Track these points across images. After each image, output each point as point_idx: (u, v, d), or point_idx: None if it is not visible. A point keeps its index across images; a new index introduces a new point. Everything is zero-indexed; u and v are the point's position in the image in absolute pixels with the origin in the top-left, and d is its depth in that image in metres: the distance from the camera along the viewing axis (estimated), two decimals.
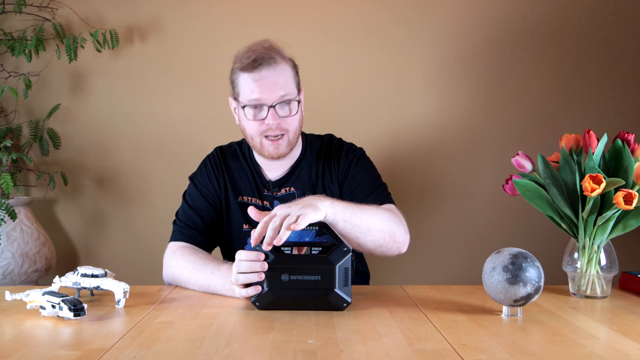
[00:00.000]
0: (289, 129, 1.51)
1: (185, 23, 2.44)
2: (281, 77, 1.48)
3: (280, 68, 1.49)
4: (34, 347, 0.98)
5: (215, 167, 1.64)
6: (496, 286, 1.15)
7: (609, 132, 1.42)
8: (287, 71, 1.51)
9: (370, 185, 1.55)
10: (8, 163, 2.27)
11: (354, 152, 1.62)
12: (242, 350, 0.96)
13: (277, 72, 1.48)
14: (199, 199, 1.60)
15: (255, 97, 1.47)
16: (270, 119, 1.48)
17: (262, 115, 1.49)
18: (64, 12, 2.40)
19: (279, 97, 1.47)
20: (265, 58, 1.47)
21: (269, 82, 1.47)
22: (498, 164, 2.44)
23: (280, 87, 1.47)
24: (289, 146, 1.53)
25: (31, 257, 2.27)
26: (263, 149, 1.53)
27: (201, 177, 1.64)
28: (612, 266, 1.38)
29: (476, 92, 2.47)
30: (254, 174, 1.61)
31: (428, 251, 2.48)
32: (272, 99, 1.47)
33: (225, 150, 1.68)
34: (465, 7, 2.45)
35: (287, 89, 1.49)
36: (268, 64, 1.47)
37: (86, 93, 2.45)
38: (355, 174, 1.58)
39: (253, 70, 1.47)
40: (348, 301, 1.21)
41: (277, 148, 1.51)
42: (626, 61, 2.48)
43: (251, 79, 1.48)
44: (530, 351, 0.98)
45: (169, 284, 1.48)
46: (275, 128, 1.49)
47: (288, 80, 1.50)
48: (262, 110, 1.49)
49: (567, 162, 1.38)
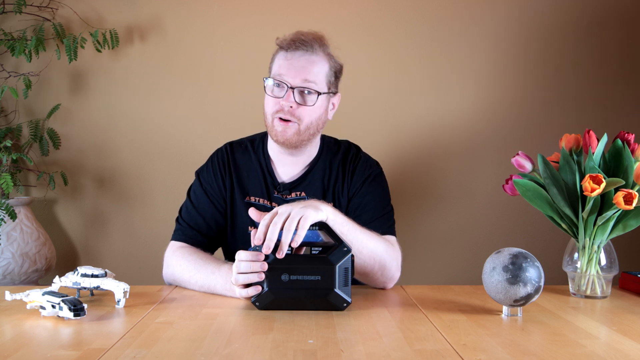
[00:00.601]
0: (302, 118, 1.48)
1: (185, 23, 2.44)
2: (312, 65, 1.47)
3: (316, 57, 1.48)
4: (34, 347, 0.98)
5: (222, 165, 1.60)
6: (496, 286, 1.15)
7: (609, 132, 1.42)
8: (321, 64, 1.49)
9: (378, 210, 1.52)
10: (8, 163, 2.27)
11: (371, 170, 1.58)
12: (242, 350, 0.96)
13: (310, 59, 1.47)
14: (203, 199, 1.58)
15: (280, 73, 1.47)
16: (285, 99, 1.46)
17: (279, 94, 1.48)
18: (64, 12, 2.40)
19: (301, 81, 1.46)
20: (305, 43, 1.47)
21: (297, 64, 1.46)
22: (498, 164, 2.44)
23: (306, 73, 1.46)
24: (297, 135, 1.49)
25: (31, 257, 2.27)
26: (273, 129, 1.50)
27: (207, 175, 1.61)
28: (612, 266, 1.38)
29: (476, 92, 2.47)
30: (265, 173, 1.58)
31: (428, 251, 2.48)
32: (294, 81, 1.46)
33: (235, 147, 1.64)
34: (464, 8, 2.45)
35: (314, 78, 1.47)
36: (305, 49, 1.47)
37: (86, 93, 2.45)
38: (366, 194, 1.54)
39: (289, 49, 1.47)
40: (348, 301, 1.21)
41: (285, 131, 1.48)
42: (626, 61, 2.48)
43: (284, 57, 1.48)
44: (530, 351, 0.98)
45: (169, 284, 1.48)
46: (287, 111, 1.47)
47: (319, 71, 1.48)
48: (282, 89, 1.47)
49: (567, 162, 1.38)
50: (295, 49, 1.47)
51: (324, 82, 1.49)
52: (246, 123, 2.44)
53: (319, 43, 1.49)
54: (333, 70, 1.52)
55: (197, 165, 2.46)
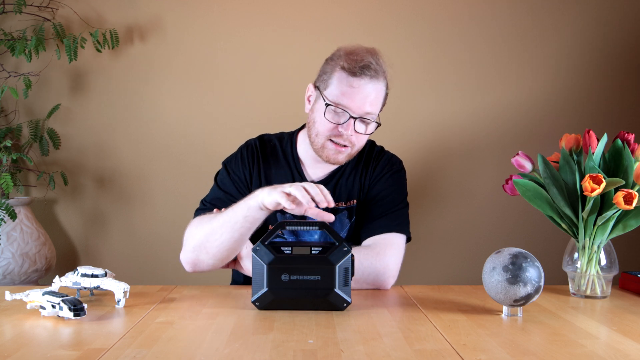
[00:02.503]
0: (356, 144, 1.48)
1: (185, 23, 2.44)
2: (374, 94, 1.44)
3: (379, 86, 1.45)
4: (34, 347, 0.98)
5: (251, 159, 1.57)
6: (496, 286, 1.15)
7: (609, 132, 1.42)
8: (382, 91, 1.46)
9: (389, 206, 1.51)
10: (8, 163, 2.27)
11: (391, 166, 1.58)
12: (242, 350, 0.96)
13: (375, 88, 1.44)
14: (230, 186, 1.54)
15: (344, 103, 1.42)
16: (346, 128, 1.43)
17: (340, 121, 1.44)
18: (64, 12, 2.40)
19: (365, 113, 1.43)
20: (372, 69, 1.42)
21: (363, 94, 1.42)
22: (498, 164, 2.44)
23: (370, 104, 1.43)
24: (348, 158, 1.50)
25: (31, 257, 2.27)
26: (323, 150, 1.48)
27: (235, 166, 1.57)
28: (612, 266, 1.38)
29: (476, 92, 2.47)
30: (294, 172, 1.56)
31: (428, 251, 2.48)
32: (358, 112, 1.43)
33: (266, 144, 1.60)
34: (465, 8, 2.45)
35: (375, 108, 1.45)
36: (371, 76, 1.42)
37: (86, 93, 2.45)
38: (381, 190, 1.54)
39: (355, 75, 1.42)
40: (348, 301, 1.21)
41: (338, 155, 1.47)
42: (626, 61, 2.48)
43: (348, 83, 1.42)
44: (530, 351, 0.97)
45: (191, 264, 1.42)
46: (345, 139, 1.45)
47: (379, 100, 1.46)
48: (343, 116, 1.44)
49: (567, 162, 1.38)
50: (362, 76, 1.42)
51: (380, 107, 1.49)
52: (246, 123, 2.44)
53: (381, 67, 1.45)
54: (385, 91, 1.49)
55: (197, 165, 2.47)
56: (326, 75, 1.47)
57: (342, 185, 1.55)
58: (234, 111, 2.46)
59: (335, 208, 1.54)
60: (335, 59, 1.47)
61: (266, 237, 1.23)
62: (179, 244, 1.47)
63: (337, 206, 1.54)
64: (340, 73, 1.44)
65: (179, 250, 1.47)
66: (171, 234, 2.45)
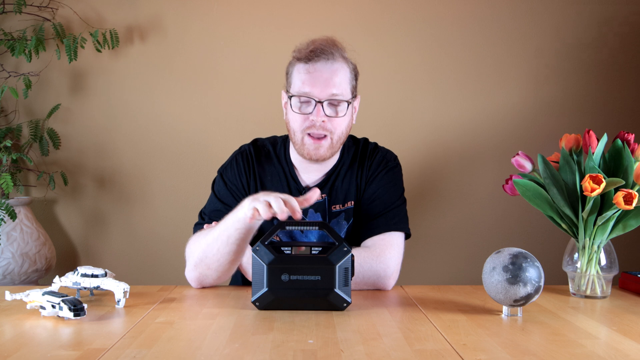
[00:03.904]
0: (333, 130, 1.44)
1: (185, 23, 2.44)
2: (336, 74, 1.42)
3: (337, 66, 1.43)
4: (34, 347, 0.98)
5: (246, 166, 1.55)
6: (496, 286, 1.15)
7: (609, 132, 1.42)
8: (344, 70, 1.44)
9: (386, 205, 1.50)
10: (8, 163, 2.27)
11: (386, 163, 1.56)
12: (242, 350, 0.96)
13: (333, 68, 1.42)
14: (228, 196, 1.53)
15: (306, 90, 1.41)
16: (315, 114, 1.42)
17: (308, 110, 1.43)
18: (64, 12, 2.40)
19: (329, 95, 1.41)
20: (325, 52, 1.41)
21: (322, 77, 1.41)
22: (498, 164, 2.44)
23: (332, 85, 1.41)
24: (331, 149, 1.46)
25: (31, 257, 2.27)
26: (304, 148, 1.46)
27: (231, 174, 1.55)
28: (612, 266, 1.38)
29: (476, 93, 2.47)
30: (288, 178, 1.54)
31: (428, 251, 2.48)
32: (322, 95, 1.41)
33: (260, 149, 1.59)
34: (465, 8, 2.45)
35: (340, 88, 1.42)
36: (326, 58, 1.41)
37: (86, 93, 2.45)
38: (377, 188, 1.52)
39: (309, 61, 1.42)
40: (348, 301, 1.21)
41: (318, 149, 1.45)
42: (626, 61, 2.48)
43: (305, 70, 1.42)
44: (530, 351, 0.98)
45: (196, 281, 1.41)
46: (319, 126, 1.43)
47: (343, 80, 1.43)
48: (309, 104, 1.43)
49: (567, 162, 1.38)
50: (315, 60, 1.41)
51: (349, 88, 1.46)
52: (247, 123, 2.45)
53: (335, 48, 1.44)
54: (353, 73, 1.48)
55: (197, 165, 2.47)
56: (288, 75, 1.49)
57: (337, 187, 1.53)
58: (233, 111, 2.46)
59: (332, 211, 1.53)
60: (292, 56, 1.48)
61: (266, 237, 1.23)
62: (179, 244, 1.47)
63: (333, 209, 1.53)
64: (297, 65, 1.45)
65: (179, 250, 1.47)
66: (171, 234, 2.45)
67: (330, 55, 1.42)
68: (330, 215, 1.52)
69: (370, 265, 1.39)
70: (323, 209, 1.52)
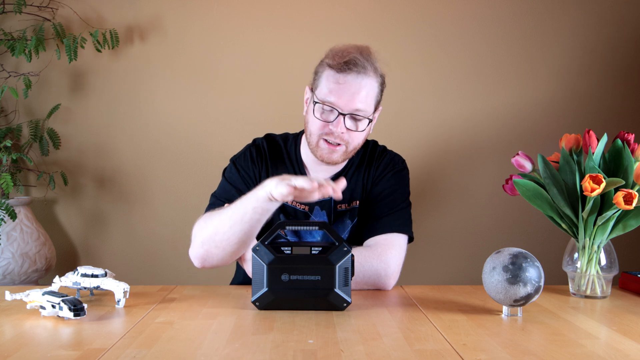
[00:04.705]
0: (350, 142, 1.46)
1: (186, 23, 2.44)
2: (363, 90, 1.42)
3: (367, 81, 1.43)
4: (34, 347, 0.98)
5: (259, 158, 1.56)
6: (496, 286, 1.15)
7: (609, 132, 1.42)
8: (372, 86, 1.44)
9: (391, 206, 1.51)
10: (8, 163, 2.27)
11: (394, 165, 1.57)
12: (242, 350, 0.96)
13: (362, 83, 1.42)
14: (239, 181, 1.54)
15: (331, 100, 1.41)
16: (336, 125, 1.42)
17: (329, 118, 1.43)
18: (64, 12, 2.40)
19: (353, 109, 1.42)
20: (358, 65, 1.41)
21: (350, 91, 1.41)
22: (498, 164, 2.44)
23: (358, 100, 1.41)
24: (344, 156, 1.49)
25: (31, 257, 2.27)
26: (317, 150, 1.47)
27: (244, 163, 1.56)
28: (612, 266, 1.38)
29: (476, 93, 2.47)
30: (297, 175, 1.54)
31: (428, 251, 2.48)
32: (347, 108, 1.41)
33: (272, 144, 1.60)
34: (465, 8, 2.45)
35: (364, 104, 1.43)
36: (357, 71, 1.41)
37: (86, 93, 2.45)
38: (383, 189, 1.53)
39: (340, 71, 1.41)
40: (348, 301, 1.21)
41: (332, 154, 1.47)
42: (626, 62, 2.48)
43: (334, 80, 1.42)
44: (530, 351, 0.98)
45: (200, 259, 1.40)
46: (337, 136, 1.44)
47: (369, 95, 1.44)
48: (332, 113, 1.43)
49: (567, 162, 1.38)
50: (347, 72, 1.41)
51: (373, 104, 1.46)
52: (246, 123, 2.45)
53: (370, 62, 1.44)
54: (380, 87, 1.48)
55: (197, 165, 2.47)
56: (317, 75, 1.48)
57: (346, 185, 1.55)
58: (233, 111, 2.46)
59: (338, 210, 1.54)
60: (324, 59, 1.47)
61: (266, 237, 1.23)
62: (179, 244, 1.47)
63: (339, 208, 1.54)
64: (327, 71, 1.44)
65: (179, 250, 1.47)
66: (171, 234, 2.45)
67: (362, 69, 1.42)
68: (336, 214, 1.53)
69: (371, 265, 1.39)
70: (329, 207, 1.53)
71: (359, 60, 1.41)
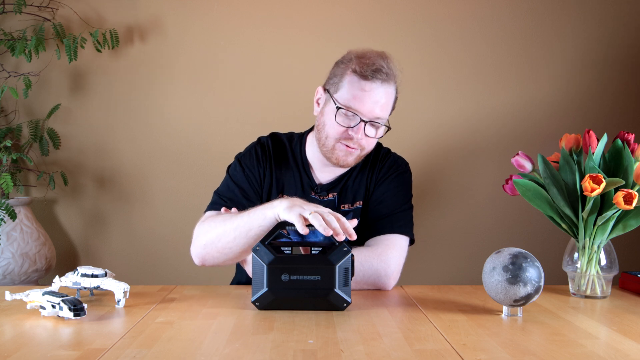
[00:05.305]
0: (366, 147, 1.48)
1: (186, 23, 2.44)
2: (385, 98, 1.44)
3: (390, 89, 1.45)
4: (34, 347, 0.98)
5: (264, 156, 1.57)
6: (496, 286, 1.15)
7: (609, 132, 1.42)
8: (392, 95, 1.47)
9: (392, 207, 1.51)
10: (8, 163, 2.27)
11: (397, 168, 1.58)
12: (242, 350, 0.96)
13: (386, 92, 1.44)
14: (243, 179, 1.54)
15: (355, 106, 1.42)
16: (356, 132, 1.44)
17: (350, 124, 1.44)
18: (64, 12, 2.40)
19: (375, 117, 1.44)
20: (383, 73, 1.43)
21: (374, 98, 1.42)
22: (498, 164, 2.44)
23: (380, 108, 1.43)
24: (357, 160, 1.51)
25: (31, 257, 2.27)
26: (333, 153, 1.48)
27: (249, 161, 1.56)
28: (612, 266, 1.38)
29: (476, 93, 2.47)
30: (302, 174, 1.56)
31: (428, 251, 2.48)
32: (369, 115, 1.43)
33: (277, 144, 1.60)
34: (465, 8, 2.45)
35: (385, 112, 1.45)
36: (382, 80, 1.43)
37: (86, 93, 2.45)
38: (385, 191, 1.54)
39: (366, 78, 1.42)
40: (348, 301, 1.21)
41: (347, 157, 1.48)
42: (626, 61, 2.48)
43: (360, 87, 1.42)
44: (530, 351, 0.98)
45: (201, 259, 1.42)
46: (355, 142, 1.45)
47: (389, 104, 1.46)
48: (353, 119, 1.44)
49: (567, 162, 1.38)
50: (373, 80, 1.42)
51: (390, 111, 1.49)
52: (247, 123, 2.45)
53: (392, 71, 1.45)
54: (396, 95, 1.50)
55: (197, 165, 2.47)
56: (337, 79, 1.47)
57: (348, 187, 1.56)
58: (234, 111, 2.46)
59: (341, 210, 1.54)
60: (346, 62, 1.47)
61: (266, 237, 1.22)
62: (179, 244, 1.47)
63: (342, 208, 1.55)
64: (351, 76, 1.44)
65: (179, 250, 1.47)
66: (171, 234, 2.45)
67: (386, 77, 1.43)
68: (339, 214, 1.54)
69: (371, 264, 1.39)
70: (332, 207, 1.53)
71: (384, 68, 1.43)
